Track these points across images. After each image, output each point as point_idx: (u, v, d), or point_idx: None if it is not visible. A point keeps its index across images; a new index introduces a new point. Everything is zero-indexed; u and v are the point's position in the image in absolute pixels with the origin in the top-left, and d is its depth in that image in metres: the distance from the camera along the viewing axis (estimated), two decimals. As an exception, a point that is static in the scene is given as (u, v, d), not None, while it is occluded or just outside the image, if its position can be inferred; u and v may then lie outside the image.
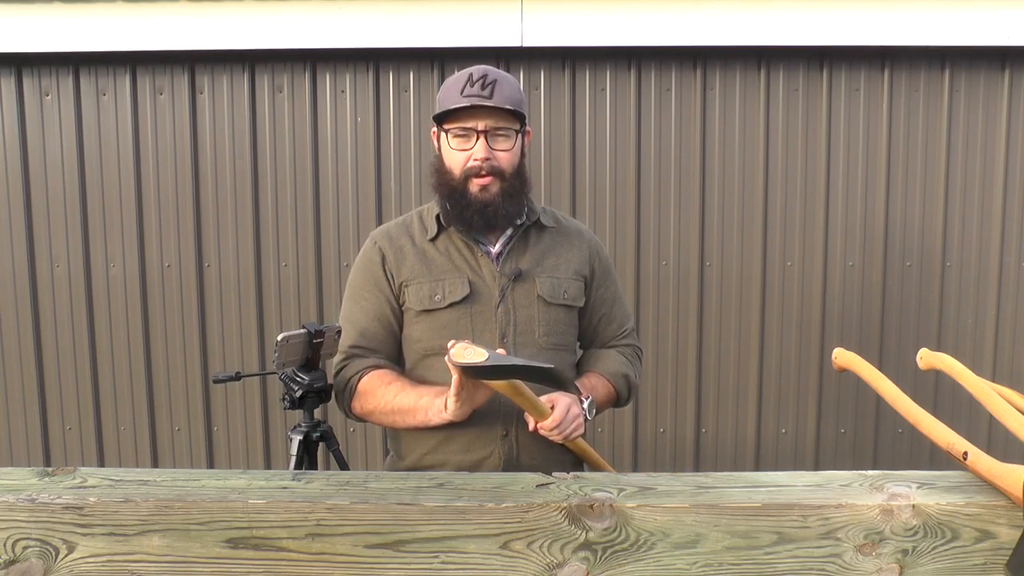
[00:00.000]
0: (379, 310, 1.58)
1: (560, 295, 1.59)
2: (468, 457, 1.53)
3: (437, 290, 1.54)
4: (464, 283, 1.54)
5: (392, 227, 1.64)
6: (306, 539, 0.84)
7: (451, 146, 1.52)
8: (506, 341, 1.53)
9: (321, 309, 2.91)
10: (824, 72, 2.82)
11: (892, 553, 0.85)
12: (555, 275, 1.60)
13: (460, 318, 1.53)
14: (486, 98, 1.48)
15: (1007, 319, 2.90)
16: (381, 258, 1.58)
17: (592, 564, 0.84)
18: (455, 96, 1.49)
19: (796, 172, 2.86)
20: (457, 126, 1.50)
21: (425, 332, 1.55)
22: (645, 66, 2.82)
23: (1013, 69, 2.80)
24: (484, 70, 1.52)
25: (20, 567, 0.84)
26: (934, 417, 1.01)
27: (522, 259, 1.58)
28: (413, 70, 2.84)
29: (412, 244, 1.59)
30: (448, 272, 1.55)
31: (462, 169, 1.51)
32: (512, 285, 1.55)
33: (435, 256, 1.57)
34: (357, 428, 2.95)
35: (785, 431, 2.95)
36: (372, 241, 1.63)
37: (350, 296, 1.63)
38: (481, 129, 1.49)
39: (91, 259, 2.91)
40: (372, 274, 1.59)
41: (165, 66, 2.83)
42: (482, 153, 1.49)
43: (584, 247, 1.68)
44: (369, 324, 1.59)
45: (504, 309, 1.54)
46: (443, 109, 1.51)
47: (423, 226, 1.62)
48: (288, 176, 2.88)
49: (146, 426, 2.96)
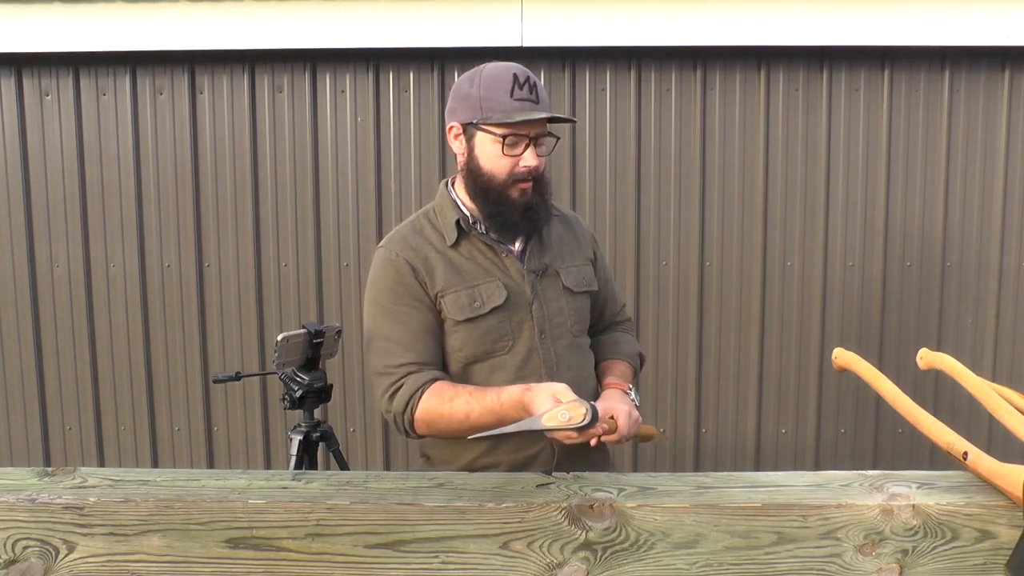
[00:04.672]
0: (425, 321, 1.50)
1: (582, 283, 1.61)
2: (521, 455, 1.52)
3: (475, 297, 1.50)
4: (499, 287, 1.51)
5: (407, 236, 1.55)
6: (306, 539, 0.84)
7: (501, 151, 1.46)
8: (544, 337, 1.54)
9: (321, 309, 2.91)
10: (824, 72, 2.82)
11: (892, 553, 0.85)
12: (573, 264, 1.62)
13: (500, 322, 1.51)
14: (535, 103, 1.46)
15: (1007, 319, 2.90)
16: (411, 270, 1.50)
17: (592, 564, 0.84)
18: (505, 99, 1.44)
19: (796, 172, 2.86)
20: (511, 133, 1.45)
21: (467, 340, 1.51)
22: (645, 66, 2.82)
23: (1013, 69, 2.80)
24: (525, 70, 1.48)
25: (20, 567, 0.84)
26: (934, 417, 1.01)
27: (544, 254, 1.58)
28: (413, 70, 2.84)
29: (435, 252, 1.52)
30: (480, 277, 1.52)
31: (508, 174, 1.47)
32: (540, 281, 1.56)
33: (462, 262, 1.52)
34: (357, 428, 2.96)
35: (785, 431, 2.95)
36: (394, 254, 1.52)
37: (383, 314, 1.52)
38: (532, 136, 1.47)
39: (91, 259, 2.91)
40: (407, 287, 1.50)
41: (165, 66, 2.83)
42: (533, 161, 1.47)
43: (584, 232, 1.71)
44: (416, 338, 1.49)
45: (537, 305, 1.54)
46: (506, 116, 1.43)
47: (438, 232, 1.55)
48: (288, 176, 2.87)
49: (146, 426, 2.96)
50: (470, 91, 1.49)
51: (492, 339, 1.50)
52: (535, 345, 1.53)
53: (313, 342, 2.09)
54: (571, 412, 1.14)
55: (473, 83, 1.49)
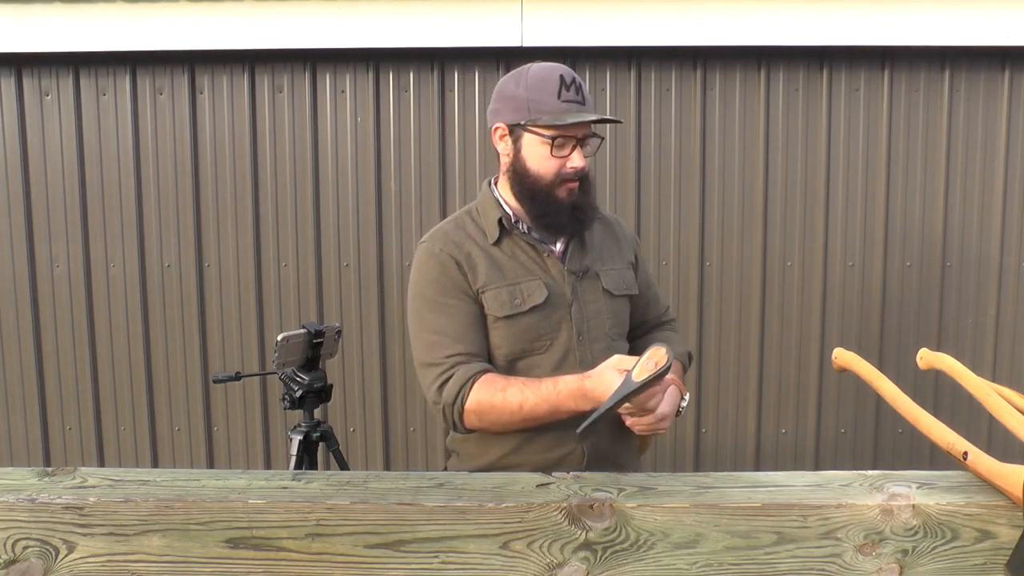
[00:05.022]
0: (472, 313, 1.50)
1: (622, 286, 1.61)
2: (551, 455, 1.51)
3: (516, 294, 1.50)
4: (540, 286, 1.51)
5: (450, 231, 1.55)
6: (306, 539, 0.84)
7: (550, 153, 1.47)
8: (582, 338, 1.53)
9: (321, 309, 2.91)
10: (824, 72, 2.82)
11: (892, 553, 0.85)
12: (613, 267, 1.62)
13: (539, 321, 1.51)
14: (581, 104, 1.47)
15: (1007, 319, 2.90)
16: (455, 264, 1.50)
17: (592, 564, 0.84)
18: (553, 101, 1.45)
19: (796, 172, 2.86)
20: (559, 135, 1.46)
21: (505, 338, 1.51)
22: (645, 66, 2.82)
23: (1013, 69, 2.80)
24: (570, 71, 1.48)
25: (20, 567, 0.84)
26: (934, 417, 1.01)
27: (585, 256, 1.58)
28: (413, 70, 2.84)
29: (478, 248, 1.53)
30: (521, 275, 1.52)
31: (555, 175, 1.48)
32: (580, 282, 1.55)
33: (503, 260, 1.53)
34: (357, 428, 2.96)
35: (785, 431, 2.95)
36: (436, 248, 1.52)
37: (429, 307, 1.51)
38: (579, 137, 1.48)
39: (91, 259, 2.91)
40: (452, 280, 1.50)
41: (165, 66, 2.83)
42: (580, 162, 1.48)
43: (625, 235, 1.71)
44: (464, 330, 1.49)
45: (576, 307, 1.54)
46: (555, 118, 1.44)
47: (480, 230, 1.55)
48: (288, 176, 2.88)
49: (146, 426, 2.96)
50: (516, 92, 1.48)
51: (531, 338, 1.50)
52: (572, 346, 1.52)
53: (313, 342, 2.09)
54: (654, 358, 1.11)
55: (519, 84, 1.49)
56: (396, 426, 2.96)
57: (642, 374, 1.13)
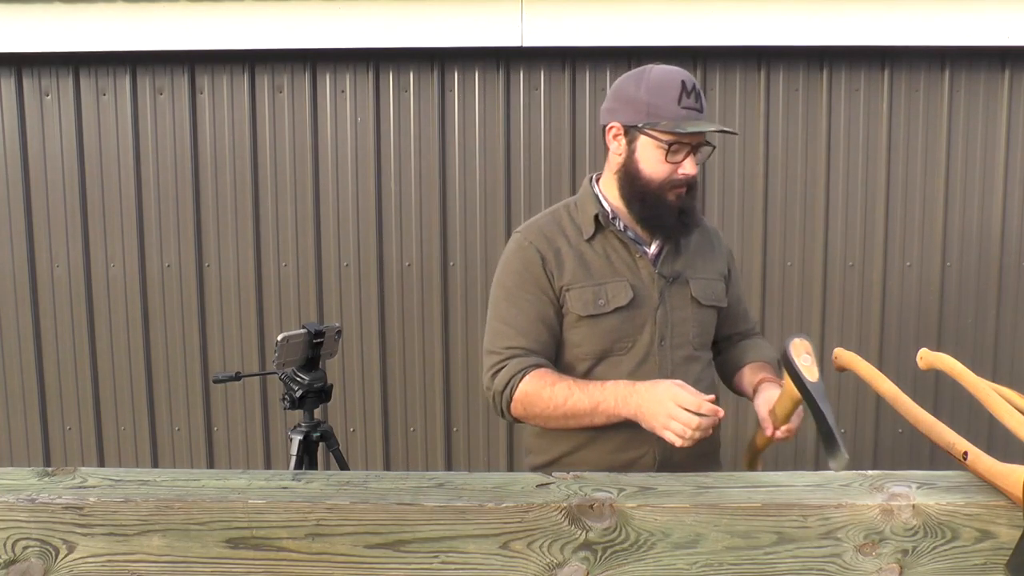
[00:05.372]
0: (542, 311, 1.52)
1: (710, 297, 1.60)
2: (621, 457, 1.51)
3: (600, 295, 1.50)
4: (626, 287, 1.51)
5: (544, 226, 1.57)
6: (306, 539, 0.84)
7: (664, 158, 1.47)
8: (663, 343, 1.53)
9: (321, 309, 2.91)
10: (824, 72, 2.82)
11: (892, 553, 0.85)
12: (705, 276, 1.61)
13: (623, 322, 1.51)
14: (699, 112, 1.47)
15: (1007, 319, 2.90)
16: (540, 259, 1.52)
17: (592, 564, 0.84)
18: (673, 107, 1.45)
19: (796, 172, 2.86)
20: (676, 140, 1.46)
21: (586, 337, 1.52)
22: (645, 66, 2.82)
23: (1013, 69, 2.80)
24: (691, 77, 1.48)
25: (20, 567, 0.84)
26: (934, 417, 1.01)
27: (677, 261, 1.58)
28: (413, 70, 2.84)
29: (568, 245, 1.53)
30: (609, 275, 1.52)
31: (666, 179, 1.49)
32: (669, 287, 1.55)
33: (593, 258, 1.53)
34: (357, 428, 2.96)
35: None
36: (527, 241, 1.54)
37: (504, 297, 1.54)
38: (694, 144, 1.48)
39: (91, 259, 2.91)
40: (532, 275, 1.52)
41: (165, 66, 2.83)
42: (692, 170, 1.48)
43: (721, 247, 1.70)
44: (531, 325, 1.51)
45: (662, 312, 1.53)
46: (675, 125, 1.44)
47: (576, 225, 1.56)
48: (288, 176, 2.88)
49: (146, 426, 2.96)
50: (636, 94, 1.49)
51: (613, 338, 1.51)
52: (653, 350, 1.52)
53: (313, 342, 2.09)
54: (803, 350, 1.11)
55: (640, 86, 1.49)
56: (396, 426, 2.96)
57: (814, 371, 1.12)
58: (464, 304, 2.90)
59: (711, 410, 1.31)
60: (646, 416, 1.37)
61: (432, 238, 2.88)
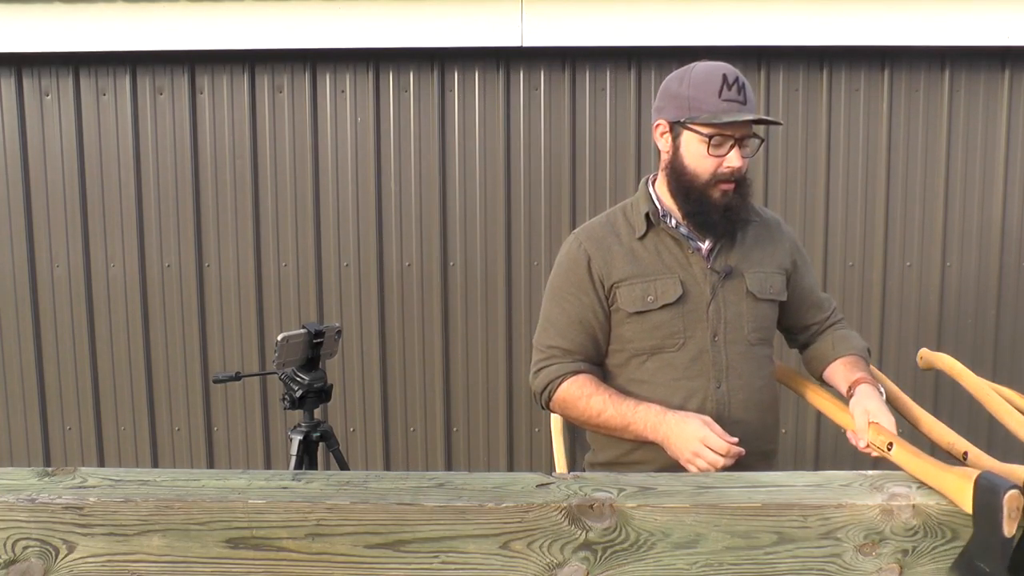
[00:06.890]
0: (580, 314, 1.55)
1: (767, 290, 1.58)
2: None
3: (650, 291, 1.51)
4: (676, 283, 1.51)
5: (596, 226, 1.60)
6: (306, 539, 0.84)
7: (707, 151, 1.47)
8: (717, 339, 1.52)
9: (321, 309, 2.91)
10: (824, 72, 2.82)
11: (892, 553, 0.85)
12: (762, 270, 1.59)
13: (673, 318, 1.51)
14: (742, 104, 1.46)
15: (1007, 319, 2.90)
16: (587, 260, 1.54)
17: (592, 564, 0.84)
18: (714, 100, 1.44)
19: (796, 172, 2.86)
20: (717, 133, 1.46)
21: (637, 333, 1.53)
22: (645, 66, 2.82)
23: (1013, 69, 2.80)
24: (734, 71, 1.48)
25: (20, 567, 0.84)
26: (934, 417, 1.01)
27: (731, 255, 1.56)
28: (413, 70, 2.83)
29: (619, 243, 1.55)
30: (659, 272, 1.52)
31: (711, 174, 1.48)
32: (722, 282, 1.54)
33: (644, 255, 1.54)
34: (357, 428, 2.96)
35: (785, 431, 2.95)
36: (577, 242, 1.58)
37: (551, 295, 1.60)
38: (738, 137, 1.47)
39: (91, 259, 2.91)
40: (575, 276, 1.55)
41: (165, 66, 2.83)
42: (738, 163, 1.48)
43: (784, 239, 1.67)
44: (568, 327, 1.56)
45: (715, 307, 1.53)
46: (713, 117, 1.44)
47: (629, 224, 1.58)
48: (288, 176, 2.87)
49: (146, 426, 2.96)
50: (679, 90, 1.49)
51: (663, 334, 1.51)
52: (706, 346, 1.52)
53: (313, 342, 2.09)
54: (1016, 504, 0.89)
55: (683, 82, 1.50)
56: (396, 426, 2.96)
57: (1012, 527, 0.93)
58: (464, 304, 2.90)
59: (736, 453, 1.35)
60: (673, 447, 1.41)
61: (432, 238, 2.88)
